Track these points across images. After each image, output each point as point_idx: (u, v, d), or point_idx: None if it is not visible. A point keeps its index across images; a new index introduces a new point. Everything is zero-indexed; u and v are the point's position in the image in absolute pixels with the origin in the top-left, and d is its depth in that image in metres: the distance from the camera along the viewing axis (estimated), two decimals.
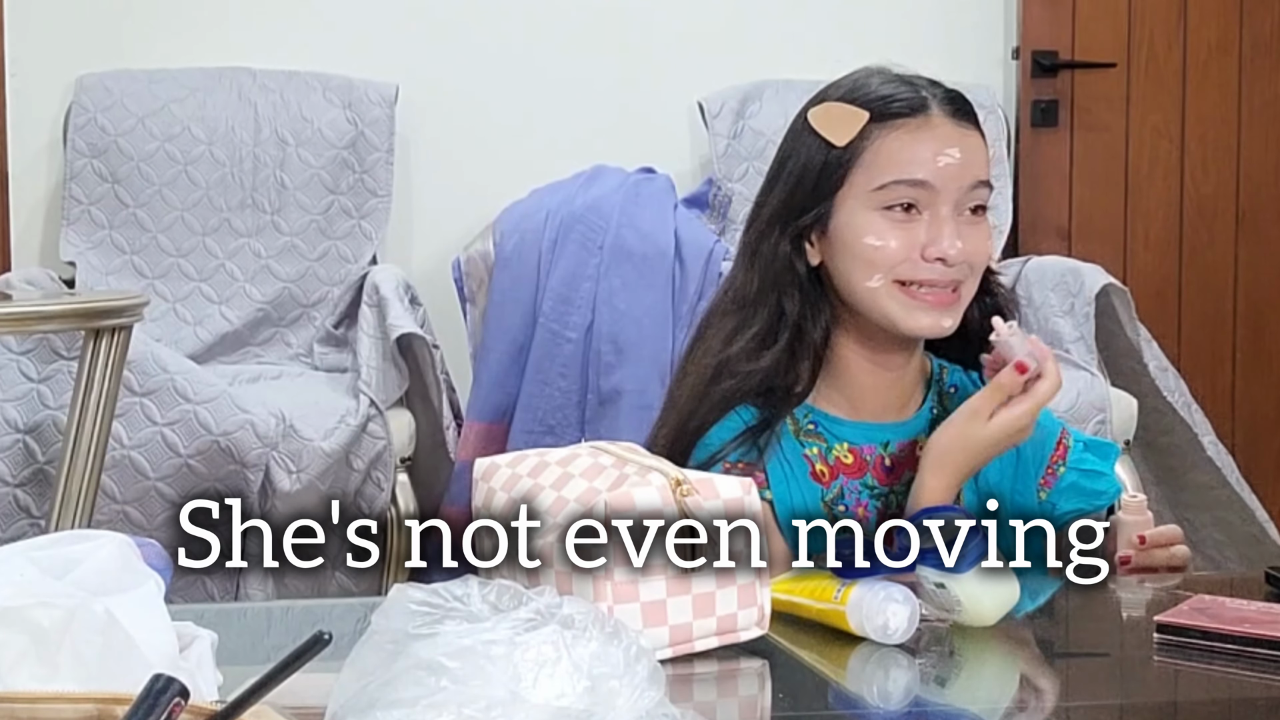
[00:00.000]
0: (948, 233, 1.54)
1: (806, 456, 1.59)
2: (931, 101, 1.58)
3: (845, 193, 1.57)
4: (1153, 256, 3.85)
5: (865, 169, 1.56)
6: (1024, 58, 3.80)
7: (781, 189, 1.61)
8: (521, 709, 0.82)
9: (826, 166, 1.58)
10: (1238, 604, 1.29)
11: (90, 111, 3.51)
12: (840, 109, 1.59)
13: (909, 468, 1.60)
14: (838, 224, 1.58)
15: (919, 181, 1.55)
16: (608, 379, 3.27)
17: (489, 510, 1.30)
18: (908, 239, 1.55)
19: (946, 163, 1.55)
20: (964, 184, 1.56)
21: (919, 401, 1.65)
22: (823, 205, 1.58)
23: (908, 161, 1.55)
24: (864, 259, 1.56)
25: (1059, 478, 1.67)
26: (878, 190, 1.55)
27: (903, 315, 1.56)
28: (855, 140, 1.56)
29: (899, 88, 1.59)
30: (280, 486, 2.96)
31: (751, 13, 3.82)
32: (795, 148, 1.62)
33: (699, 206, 3.63)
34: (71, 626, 0.90)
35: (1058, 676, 1.29)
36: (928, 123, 1.56)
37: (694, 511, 1.16)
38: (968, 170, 1.56)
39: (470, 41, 3.74)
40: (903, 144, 1.56)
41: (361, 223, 3.53)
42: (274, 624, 1.49)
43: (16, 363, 2.94)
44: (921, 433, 1.62)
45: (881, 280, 1.55)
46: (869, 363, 1.62)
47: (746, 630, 1.21)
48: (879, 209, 1.55)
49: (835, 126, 1.57)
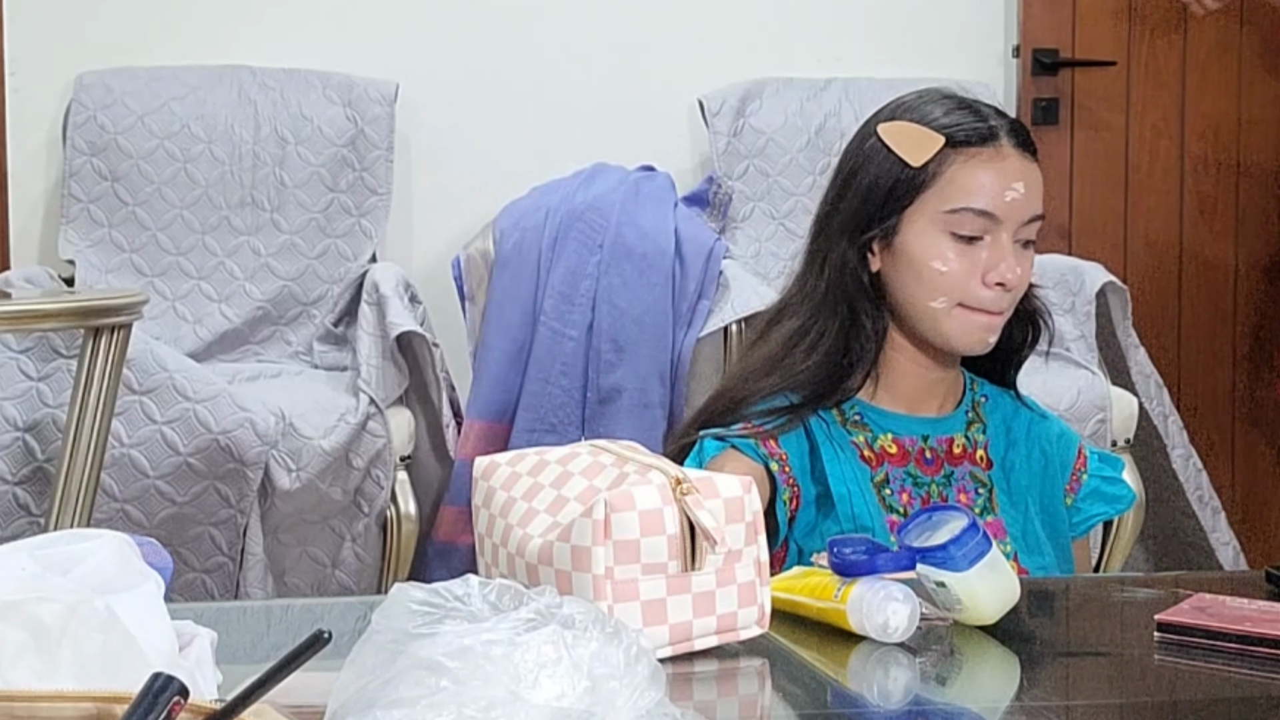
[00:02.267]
0: (1009, 259, 1.65)
1: (854, 443, 1.68)
2: (1001, 131, 1.67)
3: (914, 210, 1.66)
4: (1153, 255, 3.85)
5: (938, 192, 1.65)
6: (1024, 56, 3.80)
7: (851, 200, 1.69)
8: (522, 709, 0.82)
9: (899, 184, 1.66)
10: (1238, 603, 1.29)
11: (90, 109, 3.51)
12: (916, 130, 1.66)
13: (947, 462, 1.70)
14: (904, 239, 1.66)
15: (986, 212, 1.64)
16: (608, 377, 3.27)
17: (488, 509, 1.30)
18: (969, 263, 1.64)
19: (1013, 197, 1.65)
20: (1024, 218, 1.67)
21: (955, 402, 1.75)
22: (891, 220, 1.66)
23: (978, 190, 1.64)
24: (929, 281, 1.65)
25: (1082, 484, 1.79)
26: (948, 213, 1.64)
27: (959, 334, 1.67)
28: (930, 162, 1.65)
29: (968, 115, 1.68)
30: (280, 485, 2.96)
31: (752, 11, 3.82)
32: (866, 162, 1.69)
33: (699, 205, 3.63)
34: (72, 623, 0.90)
35: (1058, 675, 1.29)
36: (998, 152, 1.66)
37: (694, 510, 1.16)
38: (1029, 205, 1.67)
39: (470, 40, 3.74)
40: (974, 173, 1.65)
41: (361, 221, 3.53)
42: (273, 623, 1.49)
43: (16, 361, 2.94)
44: (958, 432, 1.72)
45: (945, 303, 1.65)
46: (917, 365, 1.71)
47: (747, 629, 1.21)
48: (944, 230, 1.65)
49: (911, 148, 1.65)
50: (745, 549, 1.20)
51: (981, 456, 1.72)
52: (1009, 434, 1.75)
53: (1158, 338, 3.75)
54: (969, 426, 1.73)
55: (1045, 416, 1.81)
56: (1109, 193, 3.83)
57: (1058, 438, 1.79)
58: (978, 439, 1.73)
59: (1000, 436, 1.74)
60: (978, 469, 1.71)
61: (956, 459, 1.70)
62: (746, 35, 3.80)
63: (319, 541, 3.11)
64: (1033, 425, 1.77)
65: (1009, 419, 1.76)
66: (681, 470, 1.20)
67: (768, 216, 3.60)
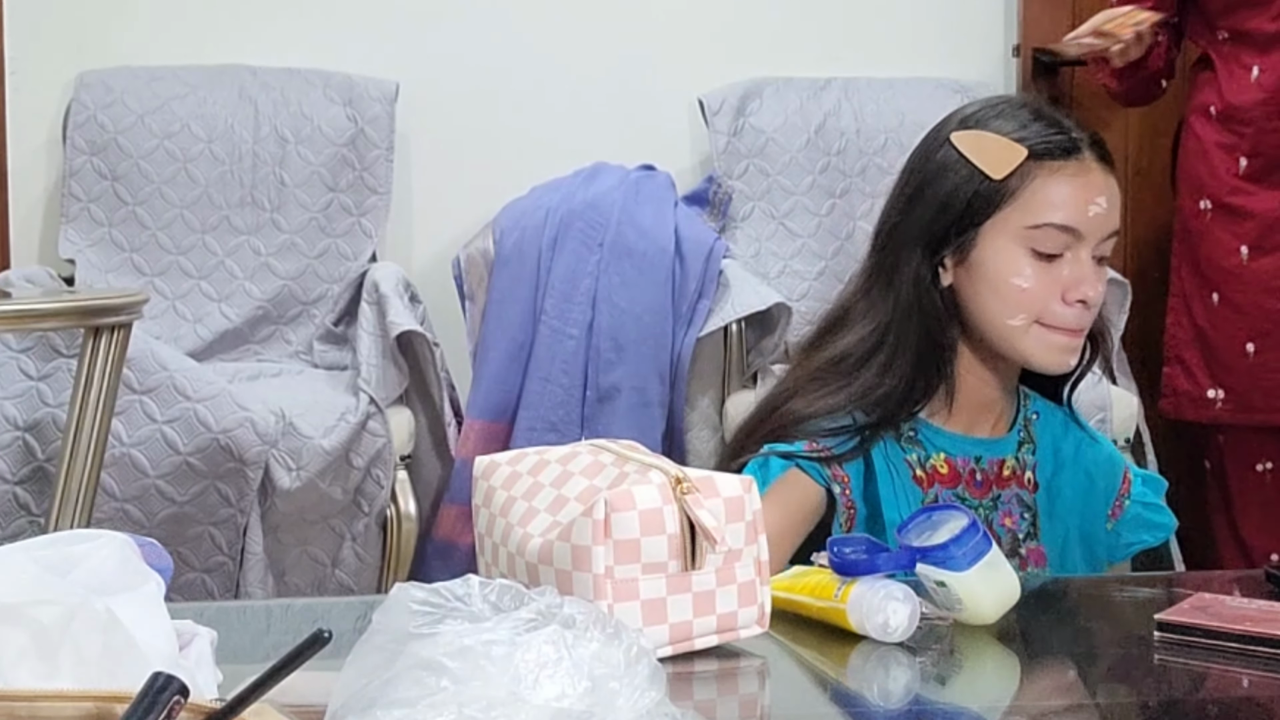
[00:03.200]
0: (1090, 277, 1.60)
1: (908, 462, 1.64)
2: (1083, 144, 1.62)
3: (993, 225, 1.60)
4: (1153, 253, 3.85)
5: (1021, 206, 1.59)
6: (1024, 55, 3.80)
7: (924, 212, 1.64)
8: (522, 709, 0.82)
9: (978, 196, 1.61)
10: (1238, 602, 1.29)
11: (90, 109, 3.51)
12: (997, 142, 1.60)
13: (995, 484, 1.67)
14: (981, 255, 1.61)
15: (1069, 228, 1.59)
16: (607, 376, 3.27)
17: (489, 508, 1.30)
18: (1049, 280, 1.59)
19: (1095, 212, 1.60)
20: (1104, 233, 1.61)
21: (1009, 423, 1.71)
22: (968, 234, 1.61)
23: (1062, 205, 1.59)
24: (1009, 299, 1.60)
25: (1124, 510, 1.76)
26: (1031, 229, 1.59)
27: (1040, 353, 1.62)
28: (1011, 175, 1.59)
29: (1049, 127, 1.62)
30: (280, 484, 2.96)
31: (752, 10, 3.82)
32: (940, 173, 1.63)
33: (699, 204, 3.63)
34: (72, 624, 0.90)
35: (1058, 675, 1.29)
36: (1083, 167, 1.60)
37: (694, 509, 1.16)
38: (1109, 220, 1.62)
39: (470, 39, 3.74)
40: (1059, 187, 1.59)
41: (361, 220, 3.53)
42: (274, 622, 1.49)
43: (16, 360, 2.94)
44: (1009, 454, 1.69)
45: (1024, 320, 1.60)
46: (983, 382, 1.67)
47: (747, 628, 1.21)
48: (1025, 246, 1.59)
49: (992, 159, 1.60)
50: (745, 548, 1.20)
51: (1030, 479, 1.69)
52: (1057, 455, 1.72)
53: (1157, 335, 3.74)
54: (1020, 447, 1.70)
55: (1096, 439, 1.77)
56: None
57: (1105, 461, 1.76)
58: (1027, 460, 1.70)
59: (1049, 458, 1.72)
60: (1024, 492, 1.69)
61: (1005, 481, 1.68)
62: (746, 35, 3.80)
63: (319, 541, 3.11)
64: (1081, 447, 1.74)
65: (1058, 439, 1.73)
66: (682, 470, 1.20)
67: (768, 216, 3.60)
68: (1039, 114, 1.64)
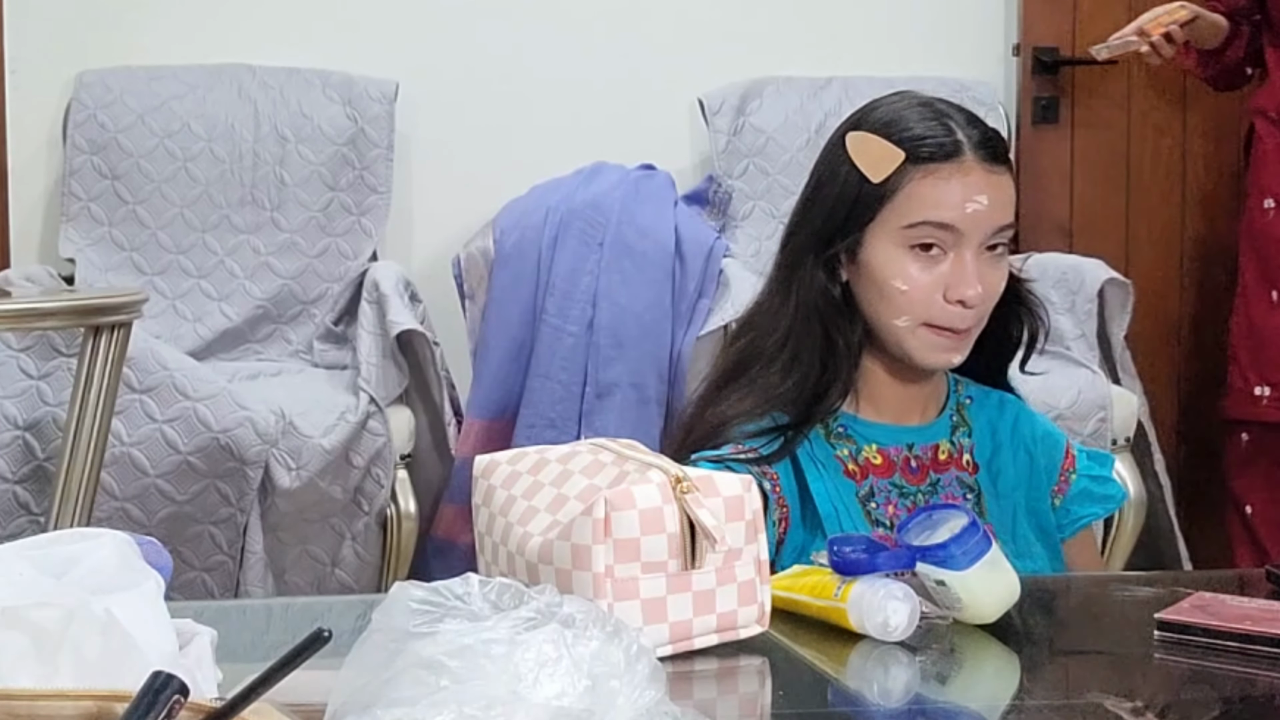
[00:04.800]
0: (970, 277, 1.60)
1: (838, 457, 1.65)
2: (966, 145, 1.61)
3: (875, 226, 1.62)
4: (1154, 253, 3.85)
5: (896, 208, 1.61)
6: (1024, 54, 3.80)
7: (817, 215, 1.67)
8: (522, 708, 0.82)
9: (860, 199, 1.63)
10: (1238, 601, 1.29)
11: (90, 108, 3.51)
12: (878, 145, 1.62)
13: (932, 469, 1.68)
14: (866, 256, 1.63)
15: (946, 225, 1.60)
16: (607, 373, 3.27)
17: (488, 507, 1.30)
18: (931, 279, 1.61)
19: (974, 209, 1.60)
20: (989, 229, 1.61)
21: (939, 408, 1.72)
22: (853, 236, 1.63)
23: (937, 205, 1.60)
24: (893, 300, 1.62)
25: (1071, 484, 1.76)
26: (906, 228, 1.61)
27: (922, 352, 1.63)
28: (891, 177, 1.61)
29: (934, 127, 1.62)
30: (280, 483, 2.96)
31: (752, 9, 3.82)
32: (832, 174, 1.66)
33: (699, 203, 3.63)
34: (71, 626, 0.90)
35: (1058, 674, 1.29)
36: (960, 167, 1.60)
37: (694, 508, 1.16)
38: (994, 215, 1.61)
39: (470, 38, 3.74)
40: (935, 188, 1.60)
41: (361, 219, 3.53)
42: (274, 621, 1.49)
43: (16, 359, 2.94)
44: (943, 438, 1.70)
45: (909, 321, 1.62)
46: (894, 376, 1.69)
47: (746, 627, 1.21)
48: (905, 245, 1.61)
49: (872, 162, 1.62)
50: (745, 547, 1.20)
51: (968, 461, 1.70)
52: (994, 436, 1.73)
53: (1158, 334, 3.75)
54: (954, 431, 1.71)
55: (1031, 417, 1.78)
56: (1109, 192, 3.83)
57: (1043, 438, 1.76)
58: (963, 443, 1.71)
59: (986, 439, 1.72)
60: (964, 474, 1.69)
61: (942, 465, 1.69)
62: (746, 34, 3.80)
63: (319, 540, 3.11)
64: (1018, 425, 1.75)
65: (994, 420, 1.74)
66: (681, 469, 1.20)
67: (767, 215, 3.60)
68: (932, 113, 1.64)
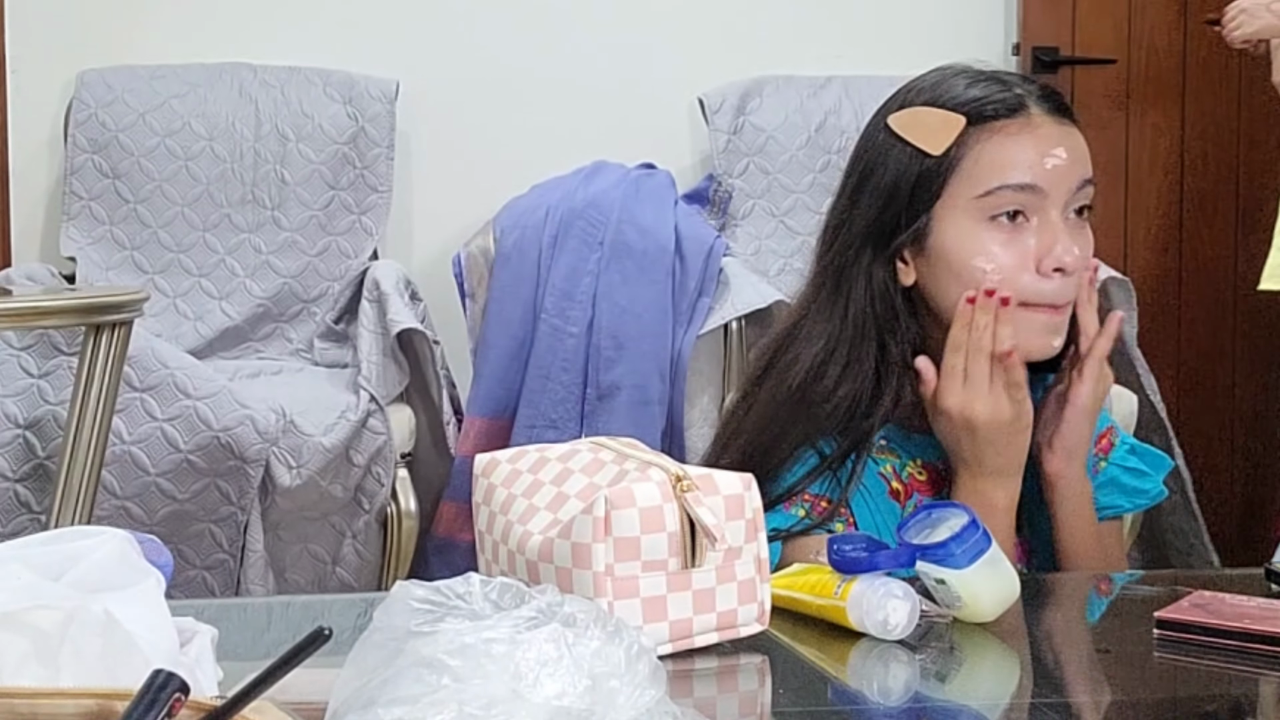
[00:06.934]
0: (1064, 238, 1.43)
1: (881, 475, 1.51)
2: (1028, 99, 1.46)
3: (944, 204, 1.45)
4: (1153, 252, 3.86)
5: (965, 177, 1.44)
6: (1024, 54, 3.80)
7: (869, 205, 1.49)
8: (522, 707, 0.82)
9: (922, 177, 1.45)
10: (1238, 600, 1.29)
11: (91, 107, 3.51)
12: (931, 114, 1.46)
13: None
14: (938, 241, 1.46)
15: (1027, 186, 1.43)
16: (607, 374, 3.28)
17: (489, 506, 1.30)
18: (1018, 252, 1.43)
19: (1054, 163, 1.44)
20: (1072, 184, 1.45)
21: None
22: (920, 221, 1.46)
23: (1012, 165, 1.43)
24: (975, 284, 1.43)
25: (1099, 472, 1.61)
26: (981, 197, 1.44)
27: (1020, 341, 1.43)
28: (952, 147, 1.45)
29: (991, 87, 1.47)
30: (280, 482, 2.96)
31: (752, 8, 3.82)
32: (880, 159, 1.49)
33: (699, 202, 3.63)
34: (71, 628, 0.90)
35: (1058, 673, 1.29)
36: (1029, 122, 1.45)
37: (694, 507, 1.16)
38: (1075, 169, 1.45)
39: (471, 37, 3.74)
40: (1005, 147, 1.44)
41: (362, 218, 3.53)
42: (274, 619, 1.49)
43: (17, 358, 2.94)
44: None
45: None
46: None
47: (746, 626, 1.21)
48: (984, 219, 1.44)
49: (929, 134, 1.45)
50: (745, 546, 1.20)
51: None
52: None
53: (1158, 332, 3.75)
54: None
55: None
56: (1109, 192, 3.83)
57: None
58: None
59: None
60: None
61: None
62: (746, 33, 3.80)
63: (319, 538, 3.11)
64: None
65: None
66: (682, 467, 1.20)
67: (768, 214, 3.60)
68: (980, 75, 1.49)
